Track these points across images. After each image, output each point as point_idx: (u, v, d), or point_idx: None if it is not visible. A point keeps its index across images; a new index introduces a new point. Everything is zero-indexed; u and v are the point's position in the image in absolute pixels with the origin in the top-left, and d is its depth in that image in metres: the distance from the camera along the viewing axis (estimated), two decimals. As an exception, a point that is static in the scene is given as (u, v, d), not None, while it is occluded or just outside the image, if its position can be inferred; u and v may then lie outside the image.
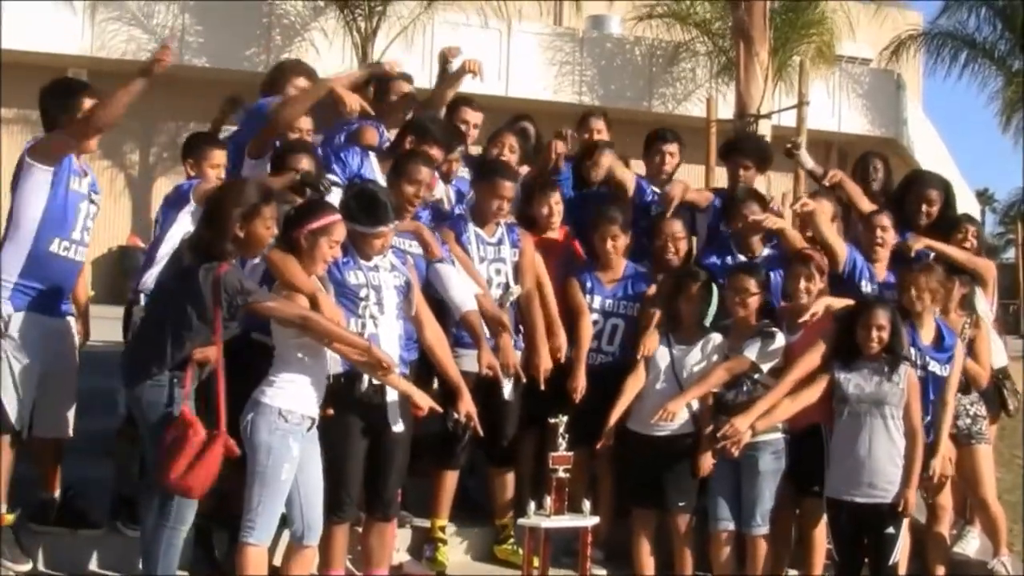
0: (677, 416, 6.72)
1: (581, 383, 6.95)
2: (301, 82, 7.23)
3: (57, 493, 6.32)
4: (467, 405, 6.25)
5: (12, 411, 5.87)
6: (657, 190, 7.88)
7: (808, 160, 8.75)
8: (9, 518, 5.79)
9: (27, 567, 5.74)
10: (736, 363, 6.78)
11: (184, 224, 6.35)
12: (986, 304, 7.53)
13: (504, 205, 6.97)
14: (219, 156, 6.81)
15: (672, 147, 8.06)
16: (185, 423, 5.40)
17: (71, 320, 6.29)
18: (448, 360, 6.32)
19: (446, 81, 7.99)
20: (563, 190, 7.59)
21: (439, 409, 6.08)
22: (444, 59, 8.17)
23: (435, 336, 6.30)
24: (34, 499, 6.30)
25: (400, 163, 6.48)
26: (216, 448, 5.38)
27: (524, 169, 7.86)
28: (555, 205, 7.30)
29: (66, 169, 6.09)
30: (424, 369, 6.43)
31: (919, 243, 7.40)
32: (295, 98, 6.92)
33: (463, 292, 6.54)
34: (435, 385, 6.56)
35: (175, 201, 6.58)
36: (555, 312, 7.06)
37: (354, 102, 6.89)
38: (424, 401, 5.91)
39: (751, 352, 6.76)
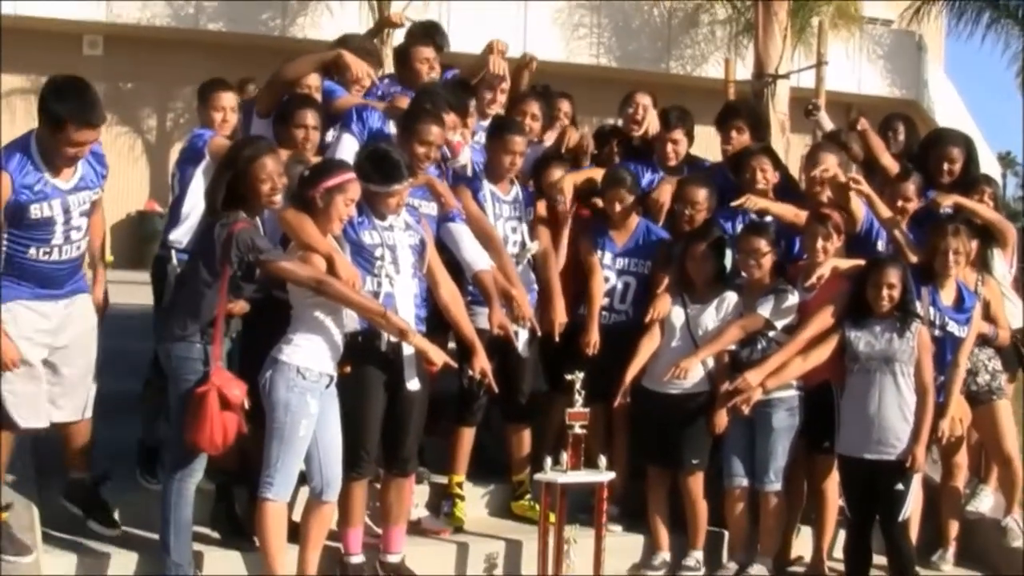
0: (691, 374, 6.77)
1: (594, 338, 6.99)
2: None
3: (87, 474, 6.12)
4: (482, 362, 6.31)
5: (14, 407, 5.58)
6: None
7: (827, 122, 8.73)
8: (5, 515, 5.61)
9: (30, 558, 5.63)
10: (750, 321, 6.82)
11: (201, 180, 6.42)
12: (1004, 266, 7.53)
13: (516, 160, 6.99)
14: (225, 99, 6.85)
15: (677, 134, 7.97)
16: (204, 380, 5.51)
17: (84, 297, 5.85)
18: (463, 318, 6.37)
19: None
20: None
21: (454, 364, 6.14)
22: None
23: (450, 294, 6.36)
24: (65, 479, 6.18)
25: (409, 122, 6.48)
26: (211, 402, 5.48)
27: (548, 137, 7.88)
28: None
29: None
30: (439, 327, 6.48)
31: (948, 200, 7.37)
32: (301, 58, 6.95)
33: (475, 251, 6.59)
34: (450, 344, 6.61)
35: (191, 157, 6.65)
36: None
37: (361, 70, 6.92)
38: (438, 357, 5.97)
39: (765, 310, 6.80)
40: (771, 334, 6.83)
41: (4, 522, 5.51)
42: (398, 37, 8.67)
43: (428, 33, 7.82)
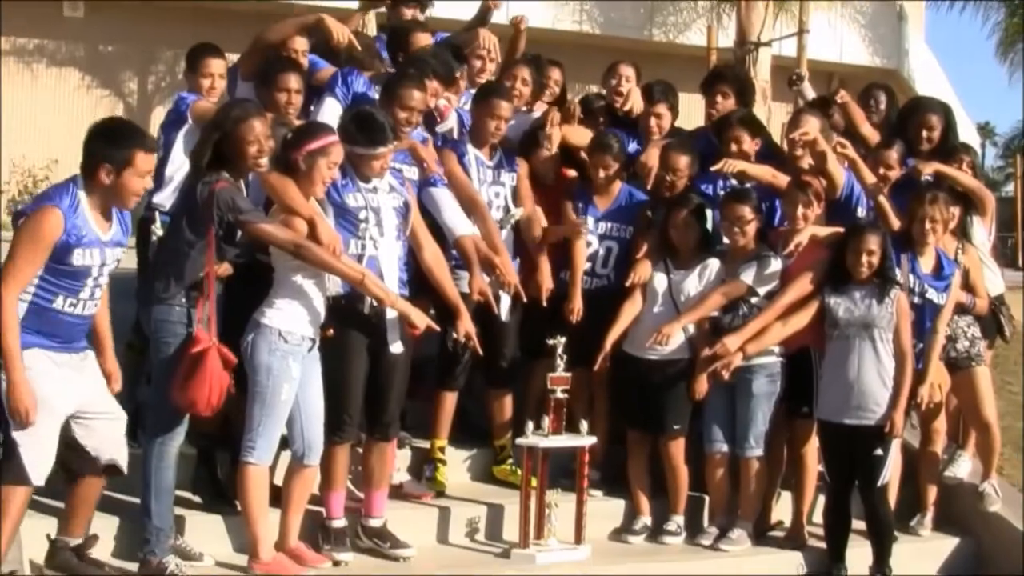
0: (672, 340, 6.79)
1: (577, 304, 7.00)
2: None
3: (78, 541, 5.61)
4: (466, 325, 6.32)
5: (32, 463, 5.16)
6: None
7: (810, 92, 8.74)
8: None
9: None
10: (732, 287, 6.84)
11: (183, 144, 6.41)
12: (984, 233, 7.56)
13: (501, 125, 6.98)
14: (213, 65, 6.82)
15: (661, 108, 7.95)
16: (192, 342, 5.50)
17: (89, 354, 5.48)
18: (447, 281, 6.38)
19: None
20: None
21: (436, 328, 6.15)
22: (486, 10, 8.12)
23: (433, 257, 6.36)
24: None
25: (391, 87, 6.47)
26: (210, 361, 5.46)
27: (539, 106, 7.86)
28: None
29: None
30: (422, 290, 6.48)
31: (929, 167, 7.40)
32: (284, 21, 6.94)
33: (457, 216, 6.60)
34: (431, 311, 6.61)
35: (174, 121, 6.66)
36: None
37: (343, 34, 6.89)
38: (421, 320, 5.98)
39: (747, 276, 6.82)
40: (753, 300, 6.85)
41: None
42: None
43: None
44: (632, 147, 7.73)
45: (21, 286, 5.06)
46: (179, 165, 6.43)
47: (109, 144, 5.20)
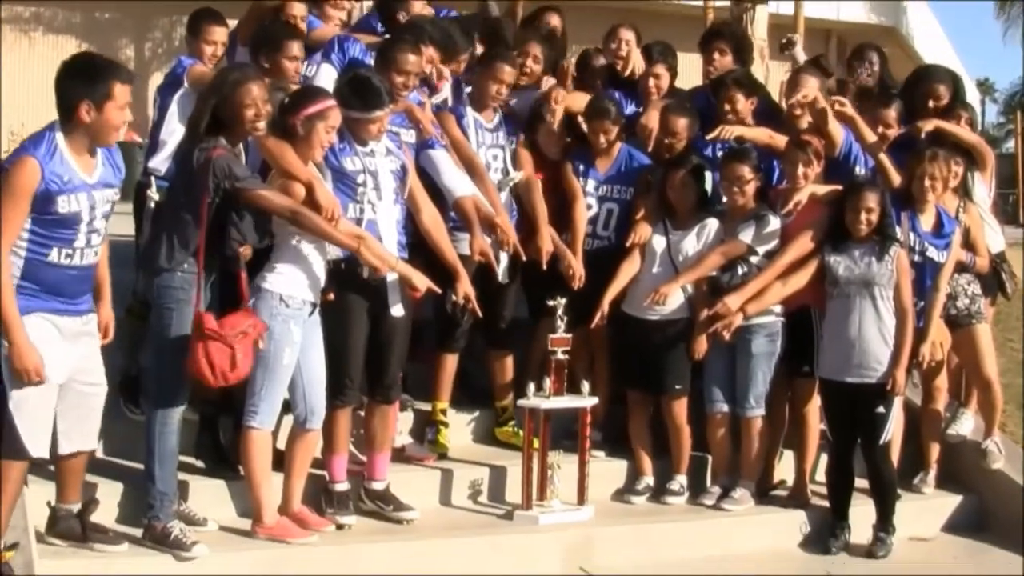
0: (670, 299, 6.78)
1: (579, 269, 6.97)
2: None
3: (77, 507, 5.56)
4: (465, 287, 6.32)
5: (30, 435, 5.10)
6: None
7: (802, 56, 8.69)
8: (9, 555, 5.09)
9: None
10: (731, 247, 6.83)
11: (177, 107, 6.39)
12: (984, 190, 7.54)
13: (503, 90, 6.97)
14: (216, 32, 6.81)
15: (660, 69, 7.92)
16: (196, 317, 5.47)
17: (93, 317, 5.40)
18: (446, 243, 6.37)
19: None
20: None
21: (437, 290, 6.14)
22: None
23: (432, 219, 6.35)
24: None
25: (386, 51, 6.45)
26: (205, 342, 5.42)
27: (548, 81, 7.80)
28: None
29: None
30: (420, 252, 6.46)
31: (929, 124, 7.37)
32: None
33: (456, 178, 6.58)
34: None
35: (171, 83, 6.65)
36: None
37: None
38: (422, 283, 5.99)
39: (746, 236, 6.81)
40: (753, 260, 6.83)
41: (6, 562, 5.13)
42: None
43: None
44: (630, 109, 7.71)
45: (9, 241, 4.96)
46: (173, 129, 6.45)
47: (86, 80, 5.09)
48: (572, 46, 9.13)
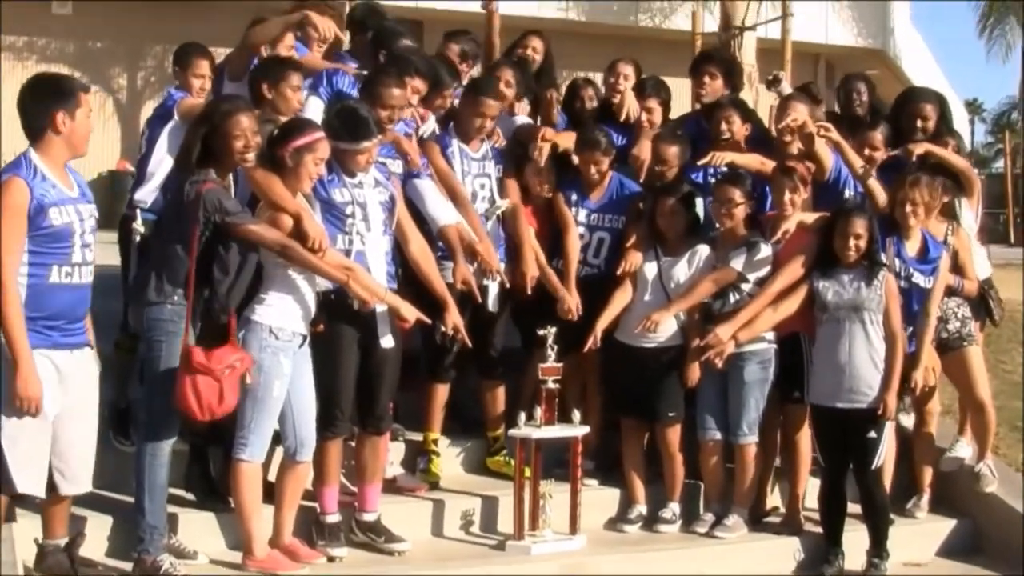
0: (663, 327, 6.78)
1: (572, 303, 6.94)
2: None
3: (64, 541, 5.53)
4: (454, 317, 6.32)
5: (20, 471, 5.09)
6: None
7: (788, 91, 8.70)
8: None
9: None
10: (722, 274, 6.82)
11: (166, 140, 6.39)
12: (971, 216, 7.55)
13: (487, 123, 6.98)
14: (204, 67, 6.87)
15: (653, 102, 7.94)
16: (185, 351, 5.46)
17: (88, 352, 5.42)
18: (434, 273, 6.37)
19: None
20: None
21: (427, 320, 6.13)
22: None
23: (420, 249, 6.36)
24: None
25: (370, 85, 6.47)
26: (193, 375, 5.41)
27: (523, 106, 7.83)
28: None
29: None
30: (410, 283, 6.46)
31: (920, 148, 7.38)
32: (269, 21, 6.91)
33: (440, 206, 6.59)
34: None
35: (161, 115, 6.66)
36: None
37: (329, 29, 6.85)
38: (410, 313, 5.99)
39: (737, 263, 6.81)
40: (744, 287, 6.83)
41: None
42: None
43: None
44: (621, 142, 7.71)
45: (15, 261, 5.01)
46: (161, 159, 6.47)
47: (56, 93, 5.23)
48: (562, 72, 9.15)
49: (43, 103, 5.21)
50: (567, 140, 7.42)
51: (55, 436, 5.23)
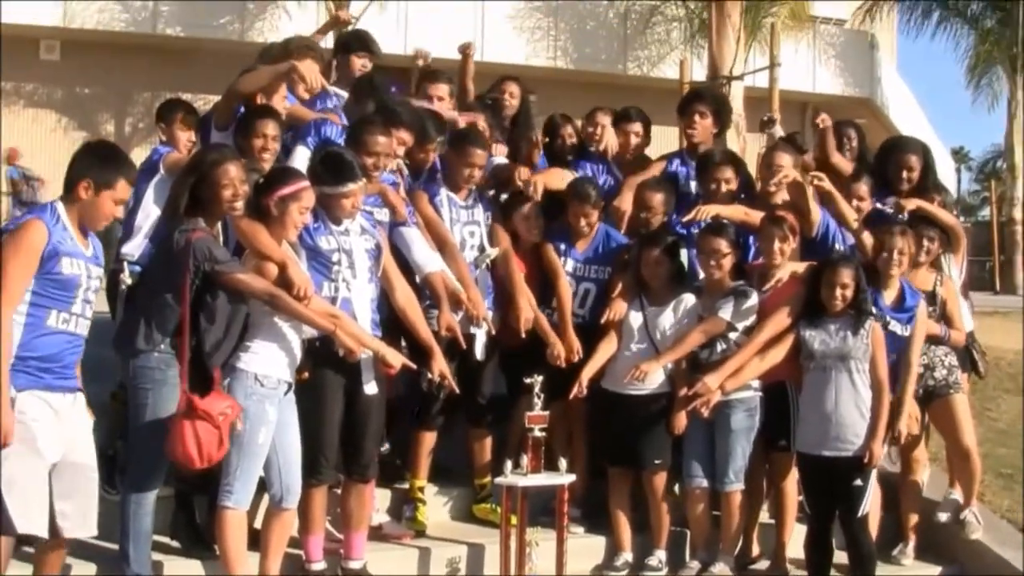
0: (651, 377, 6.79)
1: (562, 351, 6.97)
2: (308, 64, 7.06)
3: None
4: (440, 364, 6.33)
5: (20, 513, 5.02)
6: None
7: (780, 134, 8.78)
8: None
9: None
10: (712, 325, 6.84)
11: (152, 194, 6.42)
12: (956, 270, 7.62)
13: (475, 173, 7.03)
14: (189, 120, 6.92)
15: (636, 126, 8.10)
16: (186, 398, 5.45)
17: (82, 397, 5.39)
18: (420, 321, 6.39)
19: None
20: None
21: (412, 366, 6.15)
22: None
23: (406, 297, 6.38)
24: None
25: (355, 133, 6.52)
26: (194, 422, 5.40)
27: (501, 148, 7.89)
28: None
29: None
30: (395, 331, 6.48)
31: (911, 204, 7.46)
32: (257, 71, 6.97)
33: (425, 254, 6.63)
34: (402, 344, 6.59)
35: (147, 170, 6.69)
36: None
37: (316, 81, 6.89)
38: (396, 360, 6.00)
39: (725, 313, 6.83)
40: (732, 336, 6.85)
41: None
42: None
43: (365, 46, 7.81)
44: (602, 180, 7.82)
45: (15, 300, 5.01)
46: (149, 213, 6.49)
47: (96, 163, 5.25)
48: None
49: (81, 164, 5.26)
50: (554, 180, 7.48)
51: (58, 478, 5.19)
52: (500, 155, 7.79)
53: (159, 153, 6.69)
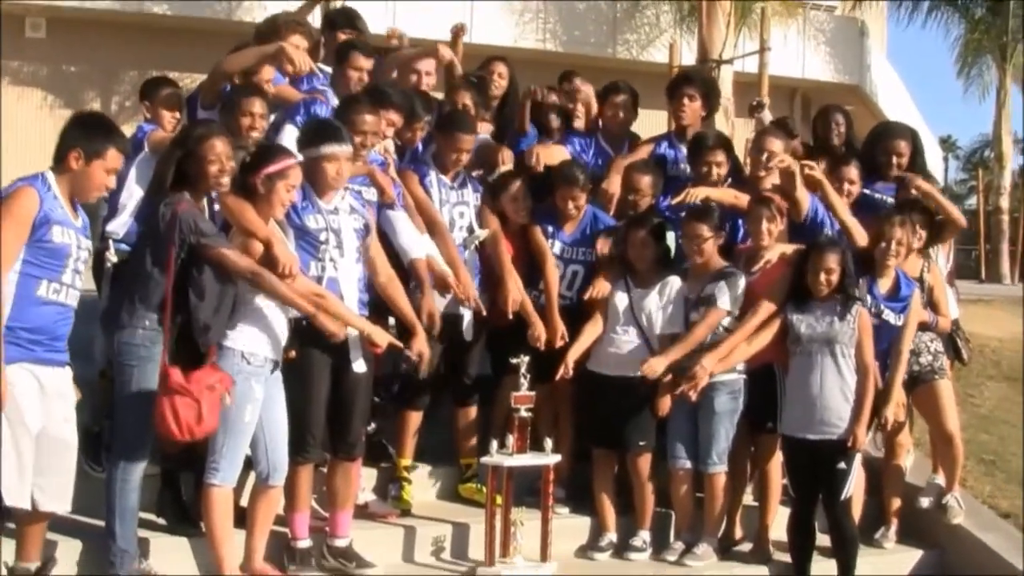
0: (658, 371, 6.76)
1: (560, 327, 6.99)
2: (295, 40, 7.10)
3: (35, 565, 5.47)
4: (420, 344, 6.33)
5: (6, 484, 5.09)
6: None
7: (769, 119, 8.80)
8: None
9: None
10: (713, 316, 6.84)
11: (135, 172, 6.41)
12: (943, 258, 7.66)
13: (463, 157, 7.03)
14: (174, 97, 6.86)
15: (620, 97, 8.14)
16: (163, 372, 5.45)
17: (69, 372, 5.44)
18: (402, 299, 6.39)
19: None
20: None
21: (399, 345, 6.16)
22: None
23: (388, 277, 6.38)
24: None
25: (342, 111, 6.51)
26: (172, 396, 5.40)
27: (485, 126, 7.89)
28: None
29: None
30: (383, 310, 6.49)
31: (917, 181, 7.49)
32: (243, 51, 6.96)
33: (411, 239, 6.63)
34: (391, 322, 6.60)
35: (132, 148, 6.64)
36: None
37: (304, 63, 6.89)
38: (382, 338, 6.01)
39: (724, 302, 6.83)
40: (723, 321, 6.87)
41: None
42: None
43: (351, 22, 7.81)
44: (590, 155, 7.90)
45: (10, 264, 5.06)
46: (133, 191, 6.45)
47: (86, 133, 5.30)
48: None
49: (71, 134, 5.30)
50: (553, 157, 7.57)
51: (38, 452, 5.22)
52: (484, 132, 7.78)
53: (143, 131, 6.64)
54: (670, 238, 7.14)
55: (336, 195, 6.15)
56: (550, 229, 7.29)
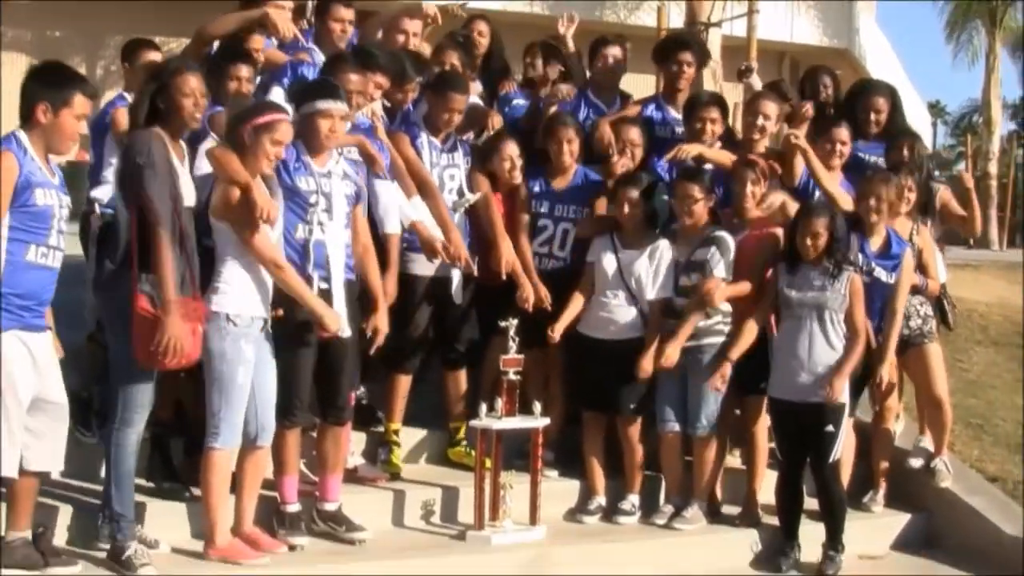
0: (672, 359, 6.76)
1: (529, 293, 6.97)
2: (280, 1, 7.08)
3: (28, 534, 5.46)
4: (378, 320, 6.29)
5: (3, 452, 5.14)
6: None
7: (758, 83, 8.79)
8: None
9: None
10: (712, 285, 6.78)
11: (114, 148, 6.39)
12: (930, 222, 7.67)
13: (455, 117, 7.01)
14: (154, 57, 6.83)
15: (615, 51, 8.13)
16: (141, 306, 5.42)
17: (50, 335, 5.46)
18: (374, 272, 6.35)
19: None
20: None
21: (347, 333, 6.03)
22: None
23: (364, 247, 6.34)
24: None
25: (327, 71, 6.50)
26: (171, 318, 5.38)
27: (475, 87, 7.86)
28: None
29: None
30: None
31: (965, 176, 7.60)
32: (227, 16, 6.93)
33: (390, 212, 6.60)
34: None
35: (100, 128, 6.67)
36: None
37: (288, 30, 6.85)
38: (332, 323, 5.89)
39: (719, 270, 6.81)
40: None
41: None
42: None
43: None
44: (582, 111, 7.87)
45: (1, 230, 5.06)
46: (113, 165, 6.39)
47: (48, 84, 5.26)
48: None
49: (34, 88, 5.26)
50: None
51: (31, 416, 5.25)
52: (474, 93, 7.75)
53: (107, 112, 6.63)
54: (661, 200, 7.11)
55: (330, 159, 6.11)
56: (537, 189, 7.27)
